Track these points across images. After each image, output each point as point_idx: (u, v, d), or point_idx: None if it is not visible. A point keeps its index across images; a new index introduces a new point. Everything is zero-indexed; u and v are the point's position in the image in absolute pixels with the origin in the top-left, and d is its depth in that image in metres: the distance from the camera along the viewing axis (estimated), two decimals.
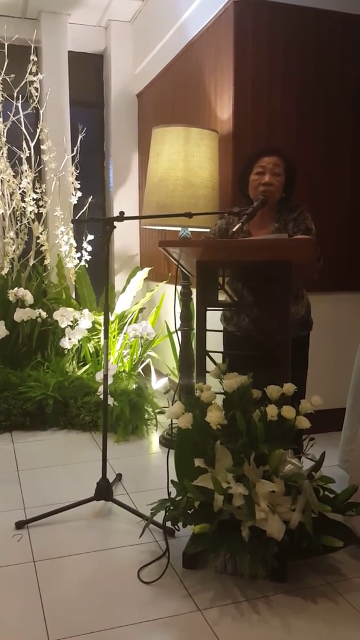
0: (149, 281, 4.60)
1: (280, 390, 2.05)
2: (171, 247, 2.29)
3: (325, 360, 3.38)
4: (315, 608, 1.85)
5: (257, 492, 1.92)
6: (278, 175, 2.45)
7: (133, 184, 5.11)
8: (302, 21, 3.30)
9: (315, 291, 2.74)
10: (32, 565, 2.08)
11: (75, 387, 3.72)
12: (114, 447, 3.28)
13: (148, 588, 1.95)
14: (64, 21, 4.80)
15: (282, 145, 3.08)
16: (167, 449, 3.19)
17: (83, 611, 1.83)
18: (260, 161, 2.46)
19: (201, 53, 3.65)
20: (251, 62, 3.23)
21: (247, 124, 3.25)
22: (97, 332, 4.07)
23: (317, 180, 3.39)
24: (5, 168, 4.23)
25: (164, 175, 3.07)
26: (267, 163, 2.44)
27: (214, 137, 3.16)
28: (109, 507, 2.51)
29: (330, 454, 2.14)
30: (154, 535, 2.27)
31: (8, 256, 4.26)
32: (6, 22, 4.40)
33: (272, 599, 1.89)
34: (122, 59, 5.00)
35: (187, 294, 3.28)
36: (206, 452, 2.03)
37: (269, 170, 2.43)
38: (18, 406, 3.56)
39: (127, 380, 3.79)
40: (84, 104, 5.14)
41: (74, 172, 4.39)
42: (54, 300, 4.32)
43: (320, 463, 2.02)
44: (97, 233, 4.44)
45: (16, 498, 2.64)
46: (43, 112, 4.34)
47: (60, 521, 2.39)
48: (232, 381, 2.05)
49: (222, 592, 1.93)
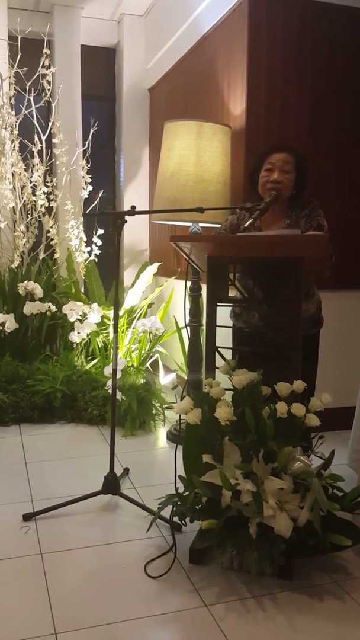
0: (158, 276, 4.59)
1: (290, 388, 2.04)
2: (183, 242, 2.28)
3: (335, 358, 3.36)
4: (321, 606, 1.85)
5: (265, 489, 1.91)
6: (287, 173, 2.43)
7: (143, 178, 5.10)
8: (316, 16, 3.27)
9: (325, 289, 2.72)
10: (39, 558, 2.09)
11: (84, 381, 3.73)
12: (121, 442, 3.28)
13: (154, 582, 1.95)
14: (77, 15, 4.79)
15: (294, 140, 3.07)
16: (174, 445, 3.19)
17: (89, 604, 1.84)
18: (270, 158, 2.44)
19: (214, 47, 3.63)
20: (265, 57, 3.21)
21: (259, 119, 3.24)
22: (106, 326, 4.08)
23: (328, 176, 3.37)
24: (17, 161, 4.23)
25: (176, 170, 3.06)
26: (277, 160, 2.42)
27: (226, 132, 3.15)
28: (115, 501, 2.51)
29: (339, 452, 2.13)
30: (161, 530, 2.27)
31: (18, 249, 4.27)
32: (19, 15, 4.39)
33: (278, 596, 1.89)
34: (134, 53, 4.99)
35: (197, 290, 3.27)
36: (214, 448, 2.02)
37: (278, 167, 2.42)
38: (26, 399, 3.58)
39: (135, 375, 3.80)
40: (96, 98, 5.13)
41: (85, 166, 4.39)
42: (63, 294, 4.32)
43: (329, 461, 2.02)
44: (107, 227, 4.44)
45: (24, 490, 2.65)
46: (55, 106, 4.33)
47: (68, 514, 2.39)
48: (242, 377, 2.04)
49: (229, 588, 1.93)
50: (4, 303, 4.09)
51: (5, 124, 4.23)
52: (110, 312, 4.06)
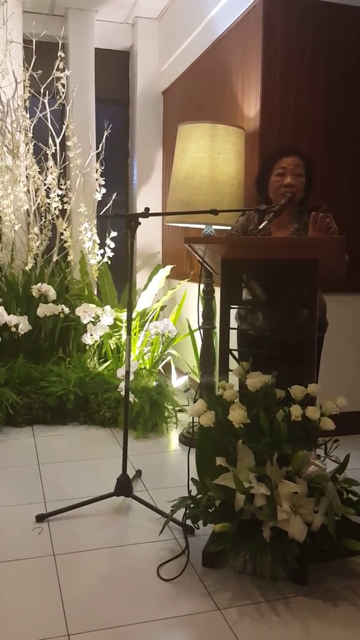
0: (170, 279, 4.59)
1: (304, 391, 2.02)
2: (197, 244, 2.27)
3: (347, 362, 3.34)
4: (336, 612, 1.83)
5: (279, 492, 1.90)
6: (299, 176, 2.42)
7: (157, 181, 5.10)
8: (331, 17, 3.26)
9: (334, 292, 2.70)
10: (52, 559, 2.09)
11: (96, 383, 3.73)
12: (134, 444, 3.28)
13: (167, 585, 1.95)
14: (91, 18, 4.81)
15: (309, 144, 3.05)
16: (186, 447, 3.19)
17: (102, 606, 1.83)
18: (281, 162, 2.43)
19: (229, 50, 3.63)
20: (279, 59, 3.21)
21: (274, 122, 3.23)
22: (119, 328, 4.08)
23: (343, 178, 3.35)
24: (31, 164, 4.25)
25: (189, 172, 3.06)
26: (288, 164, 2.41)
27: (240, 135, 3.14)
28: (128, 503, 2.51)
29: (354, 456, 2.11)
30: (173, 532, 2.27)
31: (32, 252, 4.29)
32: (34, 19, 4.42)
33: (292, 601, 1.88)
34: (148, 56, 5.00)
35: (210, 292, 3.26)
36: (228, 450, 2.01)
37: (290, 171, 2.40)
38: (39, 401, 3.59)
39: (147, 378, 3.79)
40: (110, 101, 5.15)
41: (98, 169, 4.40)
42: (76, 297, 4.34)
43: (344, 465, 2.00)
44: (121, 230, 4.45)
45: (37, 491, 2.65)
46: (69, 109, 4.35)
47: (80, 516, 2.39)
48: (255, 380, 2.03)
49: (242, 592, 1.92)
50: (18, 305, 4.11)
51: (19, 126, 4.25)
52: (123, 315, 4.07)
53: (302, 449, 1.92)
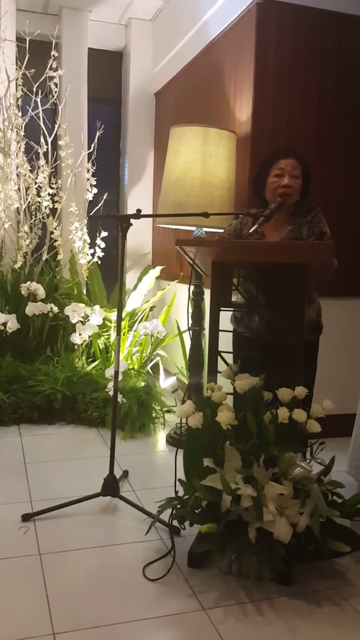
0: (160, 280, 4.60)
1: (291, 393, 2.04)
2: (188, 246, 2.29)
3: (337, 365, 3.37)
4: (319, 612, 1.85)
5: (265, 494, 1.92)
6: (296, 178, 2.45)
7: (148, 182, 5.11)
8: (326, 24, 3.29)
9: (329, 296, 2.73)
10: (37, 558, 2.09)
11: (84, 383, 3.73)
12: (121, 444, 3.28)
13: (153, 585, 1.95)
14: (85, 18, 4.81)
15: (301, 148, 3.07)
16: (173, 448, 3.20)
17: (88, 605, 1.84)
18: (279, 163, 2.46)
19: (222, 53, 3.65)
20: (272, 64, 3.23)
21: (265, 126, 3.25)
22: (107, 328, 4.08)
23: (335, 184, 3.39)
24: (23, 162, 4.24)
25: (181, 174, 3.07)
26: (286, 165, 2.44)
27: (232, 138, 3.16)
28: (115, 503, 2.52)
29: (339, 459, 2.14)
30: (160, 533, 2.27)
31: (22, 250, 4.28)
32: (28, 17, 4.41)
33: (276, 601, 1.89)
34: (141, 57, 5.01)
35: (200, 294, 3.28)
36: (215, 452, 2.03)
37: (288, 172, 2.43)
38: (26, 399, 3.58)
39: (135, 378, 3.80)
40: (102, 101, 5.16)
41: (90, 169, 4.40)
42: (65, 296, 4.33)
43: (329, 467, 2.02)
44: (111, 230, 4.45)
45: (23, 491, 2.65)
46: (61, 108, 4.35)
47: (67, 515, 2.39)
48: (244, 382, 2.05)
49: (227, 592, 1.93)
50: (6, 303, 4.09)
51: (11, 125, 4.24)
52: (112, 315, 4.07)
53: (289, 451, 1.94)
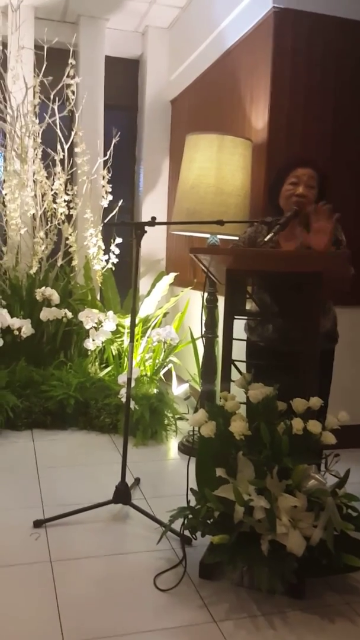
0: (173, 286, 4.60)
1: (306, 404, 2.02)
2: (202, 254, 2.28)
3: (352, 375, 3.33)
4: (332, 628, 1.82)
5: (278, 506, 1.90)
6: (312, 188, 2.43)
7: (162, 189, 5.12)
8: (342, 32, 3.28)
9: (343, 304, 2.71)
10: (48, 565, 2.09)
11: (97, 389, 3.73)
12: (133, 451, 3.27)
13: (163, 595, 1.94)
14: (102, 26, 4.85)
15: (317, 157, 3.06)
16: (185, 456, 3.19)
17: (98, 614, 1.83)
18: (295, 172, 2.45)
19: (238, 61, 3.65)
20: (288, 72, 3.22)
21: (281, 135, 3.24)
22: (121, 334, 4.08)
23: (352, 191, 3.36)
24: (39, 169, 4.27)
25: (196, 182, 3.07)
26: (302, 174, 2.43)
27: (247, 146, 3.16)
28: (126, 511, 2.51)
29: (354, 470, 2.11)
30: (171, 542, 2.26)
31: (37, 256, 4.31)
32: (46, 25, 4.45)
33: (288, 615, 1.87)
34: (157, 65, 5.03)
35: (213, 301, 3.27)
36: (228, 462, 2.01)
37: (304, 182, 2.42)
38: (40, 404, 3.59)
39: (148, 385, 3.79)
40: (118, 108, 5.18)
41: (105, 176, 4.42)
42: (79, 301, 4.34)
43: (344, 480, 2.00)
44: (126, 236, 4.46)
45: (35, 496, 2.65)
46: (78, 115, 4.37)
47: (78, 522, 2.39)
48: (257, 392, 2.03)
49: (238, 604, 1.91)
50: (21, 308, 4.11)
51: (29, 132, 4.28)
52: (125, 320, 4.07)
53: (303, 462, 1.92)
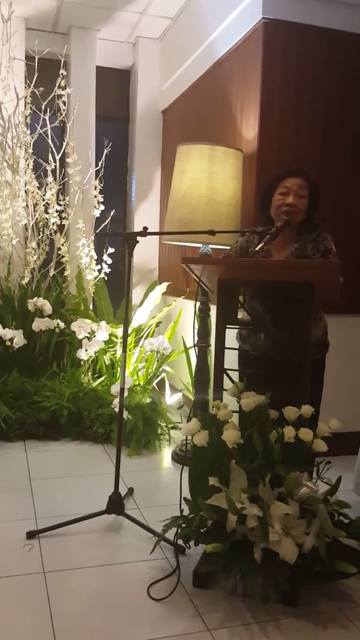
0: (166, 296, 4.61)
1: (297, 412, 2.04)
2: (194, 264, 2.30)
3: (343, 383, 3.35)
4: (325, 634, 1.83)
5: (271, 514, 1.91)
6: (302, 197, 2.46)
7: (154, 199, 5.15)
8: (332, 44, 3.32)
9: (334, 313, 2.73)
10: (42, 576, 2.08)
11: (90, 399, 3.73)
12: (126, 461, 3.27)
13: (157, 605, 1.94)
14: (94, 36, 4.88)
15: (308, 167, 3.09)
16: (179, 465, 3.19)
17: (92, 625, 1.83)
18: (285, 182, 2.47)
19: (228, 72, 3.69)
20: (279, 83, 3.26)
21: (272, 145, 3.27)
22: (113, 344, 4.09)
23: (342, 203, 3.40)
24: (31, 180, 4.28)
25: (188, 192, 3.10)
26: (292, 184, 2.45)
27: (238, 156, 3.19)
28: (119, 521, 2.50)
29: (346, 478, 2.12)
30: (165, 552, 2.26)
31: (29, 266, 4.31)
32: (37, 36, 4.48)
33: (282, 622, 1.87)
34: (148, 75, 5.07)
35: (205, 311, 3.29)
36: (221, 470, 2.02)
37: (293, 191, 2.44)
38: (32, 415, 3.58)
39: (141, 394, 3.80)
40: (110, 119, 5.21)
41: (97, 186, 4.44)
42: (72, 311, 4.35)
43: (336, 487, 2.01)
44: (118, 246, 4.47)
45: (28, 507, 2.64)
46: (70, 126, 4.39)
47: (71, 533, 2.38)
48: (250, 400, 2.05)
49: (232, 613, 1.91)
50: (13, 319, 4.11)
51: (20, 142, 4.29)
52: (118, 330, 4.08)
53: (295, 470, 1.93)
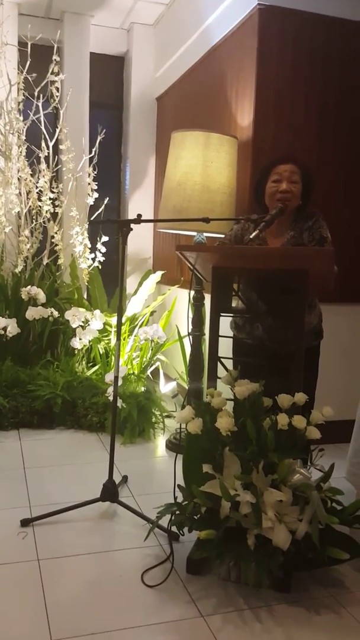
0: (160, 284, 4.60)
1: (291, 400, 2.04)
2: (188, 252, 2.29)
3: (337, 371, 3.36)
4: (318, 620, 1.84)
5: (264, 500, 1.91)
6: (295, 183, 2.44)
7: (149, 187, 5.12)
8: (329, 30, 3.30)
9: (329, 302, 2.73)
10: (36, 564, 2.08)
11: (84, 388, 3.73)
12: (120, 449, 3.27)
13: (151, 592, 1.95)
14: (87, 22, 4.83)
15: (302, 154, 3.08)
16: (173, 453, 3.19)
17: (86, 612, 1.83)
18: (277, 169, 2.46)
19: (224, 59, 3.66)
20: (274, 70, 3.24)
21: (267, 132, 3.26)
22: (108, 333, 4.08)
23: (337, 188, 3.39)
24: (24, 167, 4.25)
25: (182, 179, 3.08)
26: (284, 170, 2.44)
27: (233, 144, 3.17)
28: (114, 509, 2.51)
29: (339, 465, 2.13)
30: (159, 539, 2.27)
31: (22, 254, 4.28)
32: (30, 22, 4.43)
33: (275, 608, 1.89)
34: (143, 62, 5.02)
35: (200, 299, 3.28)
36: (215, 458, 2.02)
37: (286, 177, 2.43)
38: (26, 404, 3.57)
39: (135, 383, 3.80)
40: (104, 106, 5.17)
41: (91, 173, 4.40)
42: (65, 300, 4.33)
43: (329, 474, 2.02)
44: (112, 234, 4.45)
45: (22, 496, 2.64)
46: (63, 112, 4.36)
47: (66, 521, 2.39)
48: (243, 388, 2.05)
49: (226, 599, 1.92)
50: (7, 307, 4.09)
51: (13, 129, 4.26)
52: (112, 319, 4.07)
53: (288, 457, 1.94)
